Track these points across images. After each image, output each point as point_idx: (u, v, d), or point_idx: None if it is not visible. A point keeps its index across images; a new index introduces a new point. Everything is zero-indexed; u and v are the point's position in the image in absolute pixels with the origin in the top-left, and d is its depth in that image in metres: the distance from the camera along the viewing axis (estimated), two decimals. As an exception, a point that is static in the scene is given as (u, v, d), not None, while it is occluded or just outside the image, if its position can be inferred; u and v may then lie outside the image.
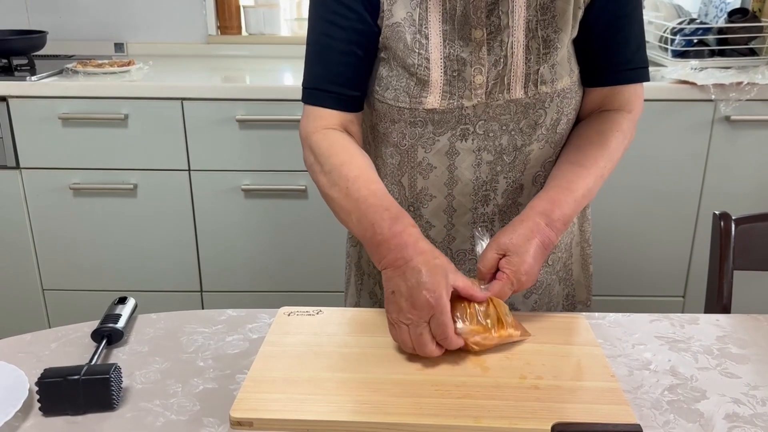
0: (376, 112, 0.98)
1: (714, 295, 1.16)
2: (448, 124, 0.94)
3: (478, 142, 0.95)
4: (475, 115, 0.94)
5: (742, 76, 1.86)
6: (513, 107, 0.93)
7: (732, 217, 1.16)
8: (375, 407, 0.72)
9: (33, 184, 2.00)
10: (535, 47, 0.91)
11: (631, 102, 0.98)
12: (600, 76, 0.97)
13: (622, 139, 0.96)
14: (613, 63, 0.96)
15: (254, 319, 0.95)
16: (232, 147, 1.95)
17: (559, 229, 0.89)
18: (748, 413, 0.74)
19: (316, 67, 0.96)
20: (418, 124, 0.95)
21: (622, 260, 2.04)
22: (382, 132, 0.99)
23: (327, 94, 0.96)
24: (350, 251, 1.17)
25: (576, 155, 0.95)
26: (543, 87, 0.92)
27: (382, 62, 0.96)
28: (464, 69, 0.91)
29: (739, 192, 1.96)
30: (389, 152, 1.00)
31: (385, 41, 0.93)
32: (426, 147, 0.96)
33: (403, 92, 0.93)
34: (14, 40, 2.11)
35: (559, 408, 0.72)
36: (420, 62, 0.91)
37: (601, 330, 0.91)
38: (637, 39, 0.96)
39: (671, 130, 1.90)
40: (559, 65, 0.92)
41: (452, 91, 0.92)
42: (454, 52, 0.91)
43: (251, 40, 2.43)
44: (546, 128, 0.95)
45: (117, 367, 0.76)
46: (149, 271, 2.08)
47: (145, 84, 1.94)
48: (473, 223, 1.01)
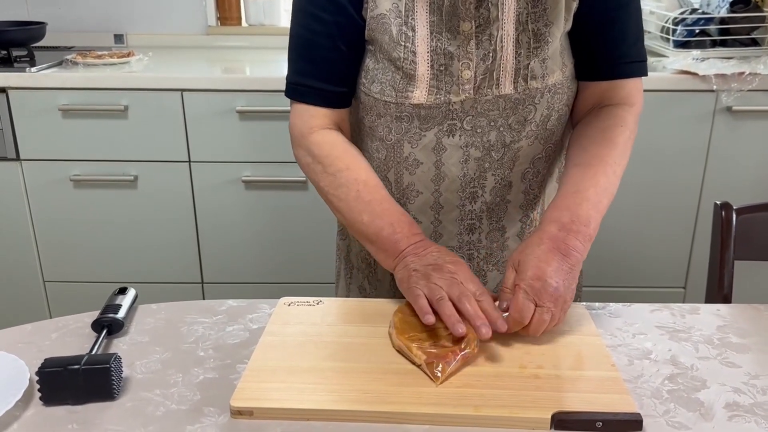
0: (362, 105, 0.96)
1: (715, 285, 1.16)
2: (434, 120, 0.92)
3: (465, 138, 0.93)
4: (462, 111, 0.91)
5: (744, 66, 1.86)
6: (502, 103, 0.91)
7: (733, 207, 1.16)
8: (375, 396, 0.72)
9: (33, 176, 1.99)
10: (525, 41, 0.88)
11: (632, 96, 0.96)
12: (597, 71, 0.95)
13: (629, 134, 0.94)
14: (610, 57, 0.93)
15: (255, 309, 0.94)
16: (233, 138, 1.94)
17: (579, 232, 0.85)
18: (749, 402, 0.74)
19: (299, 61, 0.94)
20: (405, 119, 0.93)
21: (623, 251, 2.04)
22: (368, 126, 0.97)
23: (311, 90, 0.94)
24: (340, 245, 1.16)
25: (581, 156, 0.92)
26: (533, 82, 0.89)
27: (368, 54, 0.93)
28: (451, 63, 0.89)
29: (741, 182, 1.96)
30: (375, 146, 0.98)
31: (370, 33, 0.91)
32: (412, 142, 0.94)
33: (389, 86, 0.91)
34: (14, 32, 2.11)
35: (560, 397, 0.72)
36: (406, 55, 0.89)
37: (601, 320, 0.91)
38: (634, 32, 0.93)
39: (673, 120, 1.90)
40: (550, 60, 0.89)
41: (439, 86, 0.90)
42: (441, 45, 0.88)
43: (251, 31, 2.42)
44: (535, 124, 0.93)
45: (117, 357, 0.76)
46: (150, 262, 2.08)
47: (145, 75, 1.94)
48: (461, 220, 1.00)
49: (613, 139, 0.92)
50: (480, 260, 1.03)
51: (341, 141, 0.95)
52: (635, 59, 0.94)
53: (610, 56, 0.94)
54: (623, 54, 0.94)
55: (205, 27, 2.42)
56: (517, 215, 1.02)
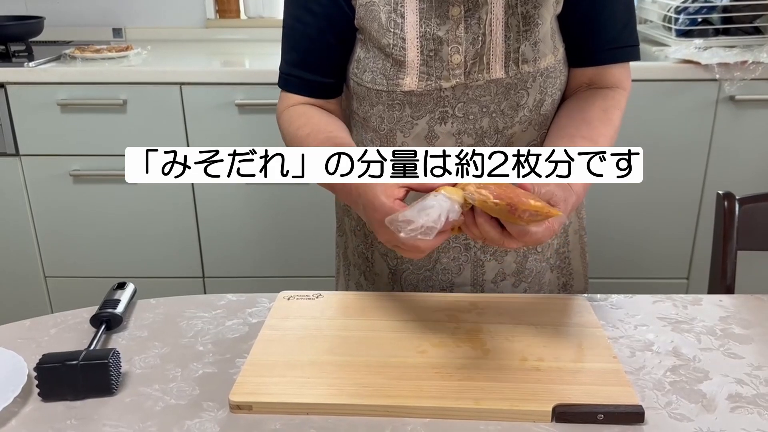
0: (355, 95, 0.96)
1: (717, 276, 1.15)
2: (426, 107, 0.91)
3: (457, 125, 0.92)
4: (454, 97, 0.91)
5: (747, 55, 1.84)
6: (493, 88, 0.90)
7: (736, 197, 1.15)
8: (375, 390, 0.72)
9: (33, 172, 1.99)
10: (514, 24, 0.88)
11: (622, 81, 0.96)
12: (585, 56, 0.94)
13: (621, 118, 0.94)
14: (598, 42, 0.93)
15: (254, 303, 0.94)
16: (232, 132, 1.93)
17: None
18: (751, 393, 0.74)
19: (289, 53, 0.96)
20: (396, 107, 0.92)
21: (625, 242, 2.03)
22: (361, 116, 0.97)
23: (300, 81, 0.96)
24: (338, 241, 1.15)
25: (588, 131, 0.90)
26: (525, 66, 0.89)
27: (359, 43, 0.93)
28: (441, 48, 0.88)
29: (744, 172, 1.95)
30: (369, 137, 0.98)
31: (359, 22, 0.91)
32: (404, 131, 0.94)
33: (380, 74, 0.91)
34: (11, 26, 2.10)
35: (561, 390, 0.72)
36: (395, 42, 0.89)
37: (603, 311, 0.90)
38: (623, 16, 0.93)
39: (675, 110, 1.88)
40: (541, 43, 0.89)
41: (429, 72, 0.89)
42: (431, 30, 0.88)
43: (250, 24, 2.41)
44: (529, 110, 0.92)
45: (116, 352, 0.76)
46: (151, 257, 2.08)
47: (143, 69, 1.93)
48: None
49: (612, 122, 0.92)
50: (477, 250, 1.03)
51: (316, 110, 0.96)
52: (625, 44, 0.94)
53: (597, 42, 0.93)
54: (611, 39, 0.93)
55: (204, 20, 2.41)
56: None
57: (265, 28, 2.39)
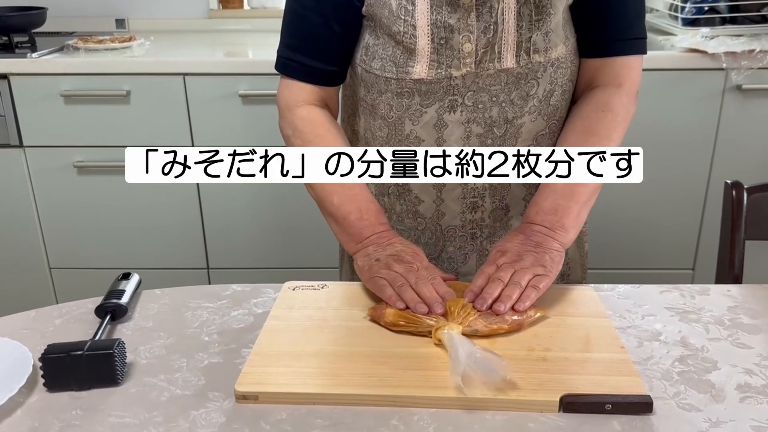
0: (363, 83, 0.95)
1: (725, 266, 1.14)
2: (435, 95, 0.91)
3: (467, 114, 0.92)
4: (464, 86, 0.90)
5: (754, 43, 1.82)
6: (504, 77, 0.90)
7: (744, 186, 1.14)
8: (380, 380, 0.72)
9: (37, 163, 1.99)
10: (527, 13, 0.87)
11: (621, 76, 0.94)
12: (593, 47, 0.93)
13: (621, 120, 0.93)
14: (607, 33, 0.92)
15: (259, 293, 0.94)
16: (235, 122, 1.93)
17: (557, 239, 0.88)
18: (760, 383, 0.73)
19: (291, 37, 0.95)
20: (405, 95, 0.92)
21: (631, 232, 2.02)
22: (370, 104, 0.96)
23: (301, 67, 0.95)
24: None
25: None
26: (536, 56, 0.88)
27: (368, 30, 0.92)
28: (452, 37, 0.87)
29: (751, 162, 1.93)
30: (378, 125, 0.97)
31: (369, 9, 0.90)
32: (413, 119, 0.93)
33: (390, 61, 0.90)
34: (14, 17, 2.09)
35: (568, 379, 0.71)
36: (406, 29, 0.88)
37: (610, 301, 0.90)
38: (634, 8, 0.92)
39: (681, 99, 1.87)
40: (553, 33, 0.88)
41: (440, 60, 0.89)
42: (442, 18, 0.87)
43: (253, 14, 2.40)
44: (538, 100, 0.92)
45: (121, 343, 0.76)
46: (156, 248, 2.08)
47: (146, 60, 1.92)
48: (463, 198, 0.99)
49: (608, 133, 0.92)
50: (483, 239, 1.02)
51: (326, 120, 0.96)
52: (634, 36, 0.93)
53: (606, 33, 0.92)
54: (620, 31, 0.92)
55: (207, 10, 2.40)
56: (520, 193, 1.01)
57: (269, 18, 2.38)
